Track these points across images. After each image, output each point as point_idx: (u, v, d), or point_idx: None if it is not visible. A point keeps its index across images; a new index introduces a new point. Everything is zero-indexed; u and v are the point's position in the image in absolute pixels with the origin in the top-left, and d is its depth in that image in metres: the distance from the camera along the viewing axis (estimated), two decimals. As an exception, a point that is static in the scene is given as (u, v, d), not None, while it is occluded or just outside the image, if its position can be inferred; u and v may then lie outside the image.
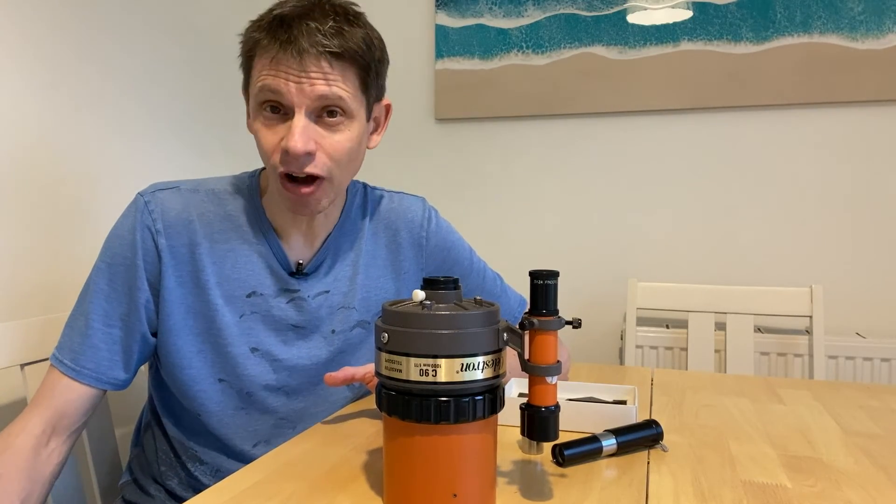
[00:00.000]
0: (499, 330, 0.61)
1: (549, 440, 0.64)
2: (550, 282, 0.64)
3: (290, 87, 0.79)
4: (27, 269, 1.27)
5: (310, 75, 0.79)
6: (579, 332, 1.85)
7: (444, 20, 1.88)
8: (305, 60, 0.78)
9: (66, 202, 1.35)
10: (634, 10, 1.74)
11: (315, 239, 0.94)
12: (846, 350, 1.57)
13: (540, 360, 0.63)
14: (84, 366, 0.85)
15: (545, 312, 0.63)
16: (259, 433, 0.94)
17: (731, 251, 1.74)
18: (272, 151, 0.82)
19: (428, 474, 0.60)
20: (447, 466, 0.60)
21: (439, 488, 0.60)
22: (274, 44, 0.79)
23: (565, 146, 1.84)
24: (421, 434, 0.60)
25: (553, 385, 0.63)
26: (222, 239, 0.90)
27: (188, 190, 0.91)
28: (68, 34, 1.35)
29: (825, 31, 1.62)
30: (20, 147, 1.25)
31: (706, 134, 1.74)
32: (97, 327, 0.86)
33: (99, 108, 1.43)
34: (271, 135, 0.82)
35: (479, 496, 0.61)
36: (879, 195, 1.64)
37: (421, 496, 0.60)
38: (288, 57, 0.78)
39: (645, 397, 1.02)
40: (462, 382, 0.59)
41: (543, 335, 0.63)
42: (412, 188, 1.83)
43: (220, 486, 0.68)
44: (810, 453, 0.78)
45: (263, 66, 0.80)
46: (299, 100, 0.79)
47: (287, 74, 0.79)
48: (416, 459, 0.60)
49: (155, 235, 0.87)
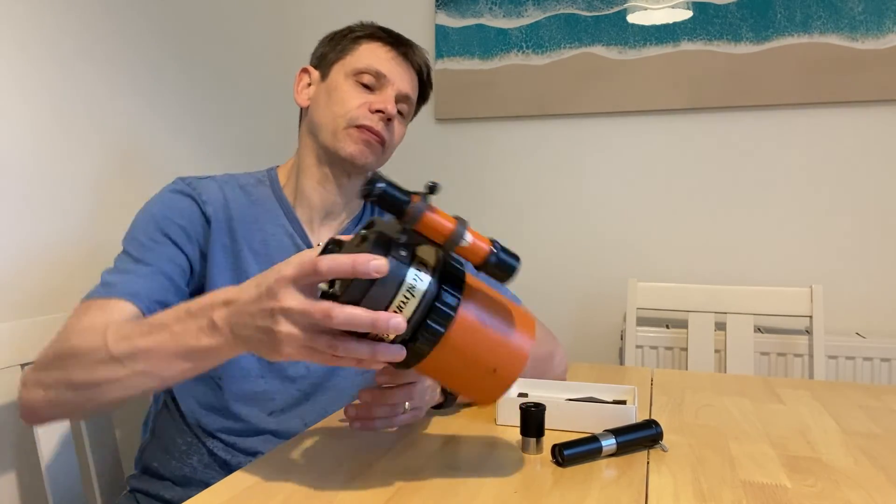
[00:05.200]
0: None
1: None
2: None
3: (396, 74, 1.01)
4: (27, 269, 1.27)
5: (409, 77, 1.04)
6: (579, 332, 1.85)
7: (444, 20, 1.88)
8: (412, 67, 1.04)
9: (67, 202, 1.35)
10: (634, 10, 1.74)
11: (337, 223, 1.04)
12: (846, 350, 1.57)
13: (444, 237, 0.60)
14: (135, 290, 0.84)
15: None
16: (276, 403, 0.96)
17: (731, 251, 1.74)
18: (356, 107, 0.97)
19: (463, 370, 0.63)
20: (471, 350, 0.62)
21: (479, 373, 0.63)
22: (392, 44, 1.02)
23: (565, 146, 1.84)
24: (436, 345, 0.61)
25: (470, 244, 0.61)
26: (251, 219, 0.98)
27: (220, 180, 1.01)
28: (69, 31, 1.35)
29: (825, 31, 1.62)
30: (20, 147, 1.25)
31: (706, 134, 1.74)
32: (143, 267, 0.87)
33: (99, 108, 1.43)
34: (358, 97, 0.99)
35: (510, 348, 0.64)
36: (879, 195, 1.64)
37: (474, 390, 0.65)
38: (402, 59, 1.03)
39: (645, 397, 1.02)
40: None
41: (426, 219, 0.60)
42: (412, 188, 1.83)
43: (220, 486, 0.68)
44: (810, 453, 0.78)
45: (374, 51, 1.00)
46: (397, 85, 1.01)
47: (397, 65, 1.01)
48: (445, 368, 0.63)
49: (202, 205, 0.95)
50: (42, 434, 0.99)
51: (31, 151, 1.27)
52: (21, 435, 1.24)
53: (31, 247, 1.28)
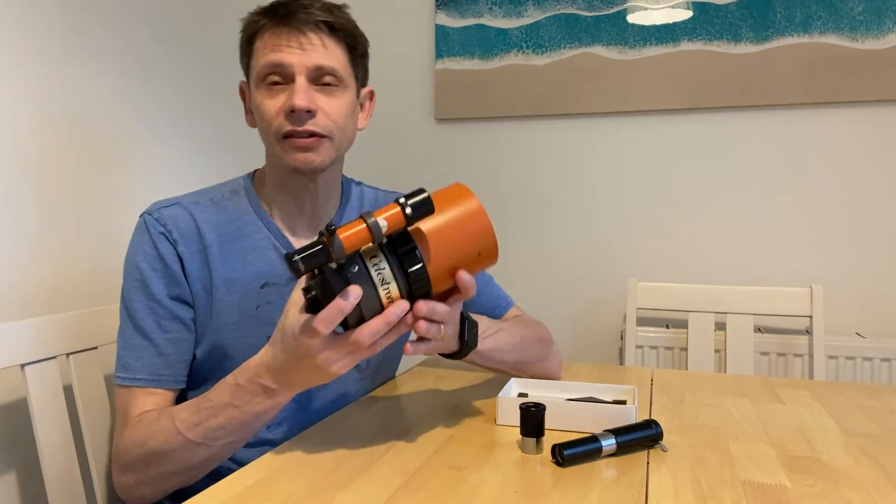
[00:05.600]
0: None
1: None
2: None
3: (290, 57, 0.88)
4: (28, 269, 1.27)
5: (309, 43, 0.89)
6: (579, 332, 1.85)
7: (444, 20, 1.88)
8: (304, 30, 0.88)
9: (67, 202, 1.35)
10: (634, 10, 1.74)
11: (317, 227, 0.99)
12: (846, 350, 1.57)
13: (370, 238, 0.68)
14: (161, 374, 0.89)
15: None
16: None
17: (731, 251, 1.74)
18: (275, 116, 0.89)
19: (454, 253, 0.73)
20: (454, 260, 0.73)
21: (473, 261, 0.74)
22: (273, 21, 0.89)
23: (565, 146, 1.84)
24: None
25: (388, 223, 0.69)
26: (230, 239, 0.94)
27: (189, 203, 0.95)
28: (68, 33, 1.35)
29: (825, 31, 1.62)
30: (20, 147, 1.25)
31: (706, 134, 1.74)
32: (157, 337, 0.90)
33: (100, 108, 1.43)
34: (274, 102, 0.90)
35: (475, 233, 0.74)
36: (879, 195, 1.64)
37: (479, 266, 0.75)
38: (289, 29, 0.88)
39: (645, 397, 1.02)
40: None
41: (347, 242, 0.67)
42: (412, 188, 1.83)
43: (220, 486, 0.68)
44: (810, 453, 0.78)
45: (265, 45, 0.89)
46: (299, 66, 0.88)
47: (288, 46, 0.88)
48: (449, 276, 0.74)
49: (175, 245, 0.91)
50: (42, 434, 0.99)
51: (31, 151, 1.27)
52: (21, 435, 1.24)
53: (32, 247, 1.28)
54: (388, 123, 1.96)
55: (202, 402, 0.80)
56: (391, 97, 1.95)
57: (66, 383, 1.04)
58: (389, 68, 1.94)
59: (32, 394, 0.99)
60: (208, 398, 0.80)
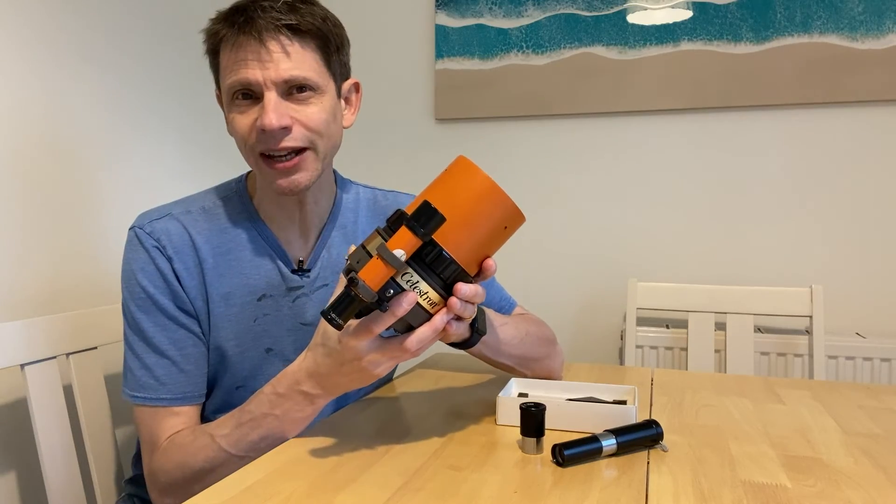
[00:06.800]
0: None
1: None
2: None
3: (255, 70, 0.81)
4: (28, 269, 1.27)
5: (272, 55, 0.81)
6: (579, 332, 1.85)
7: (444, 20, 1.88)
8: (265, 39, 0.80)
9: (67, 202, 1.35)
10: (634, 10, 1.74)
11: (310, 234, 0.96)
12: (846, 350, 1.57)
13: (391, 271, 0.68)
14: (186, 391, 0.89)
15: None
16: None
17: (731, 251, 1.74)
18: (248, 133, 0.84)
19: (480, 237, 0.72)
20: (472, 229, 0.72)
21: (500, 235, 0.73)
22: (233, 30, 0.82)
23: (565, 146, 1.84)
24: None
25: (403, 251, 0.68)
26: (225, 251, 0.92)
27: (180, 213, 0.92)
28: (70, 35, 1.35)
29: (825, 31, 1.62)
30: (20, 147, 1.25)
31: (706, 134, 1.74)
32: (174, 354, 0.88)
33: (100, 109, 1.43)
34: (245, 118, 0.84)
35: (507, 208, 0.73)
36: (879, 195, 1.64)
37: (507, 235, 0.75)
38: (249, 39, 0.80)
39: (645, 397, 1.02)
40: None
41: (372, 283, 0.67)
42: (412, 188, 1.83)
43: (220, 486, 0.68)
44: (810, 453, 0.78)
45: (228, 60, 0.83)
46: (266, 80, 0.81)
47: (251, 60, 0.81)
48: (484, 252, 0.74)
49: (171, 262, 0.89)
50: (42, 434, 0.99)
51: (31, 151, 1.27)
52: (21, 435, 1.24)
53: (31, 247, 1.28)
54: (389, 123, 1.96)
55: (241, 416, 0.80)
56: (391, 97, 1.95)
57: (65, 383, 1.04)
58: (389, 68, 1.94)
59: (32, 394, 0.99)
60: (247, 411, 0.80)
